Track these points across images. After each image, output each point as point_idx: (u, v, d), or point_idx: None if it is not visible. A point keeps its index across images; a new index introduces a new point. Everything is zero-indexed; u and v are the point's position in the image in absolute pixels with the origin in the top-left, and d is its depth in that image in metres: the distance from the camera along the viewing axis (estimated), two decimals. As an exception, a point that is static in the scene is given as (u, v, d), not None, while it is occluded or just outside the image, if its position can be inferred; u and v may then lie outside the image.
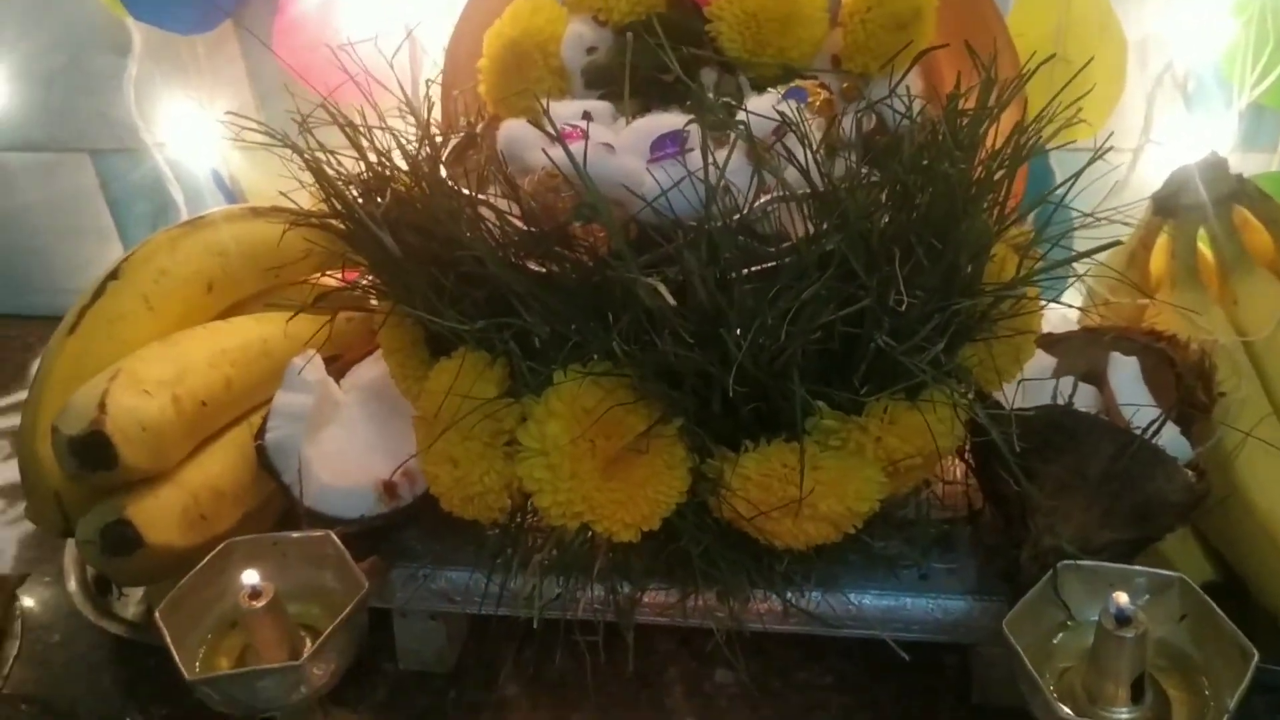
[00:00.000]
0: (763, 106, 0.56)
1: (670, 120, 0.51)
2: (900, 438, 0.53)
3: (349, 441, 0.69)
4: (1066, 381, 0.59)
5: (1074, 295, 0.80)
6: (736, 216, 0.49)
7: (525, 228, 0.52)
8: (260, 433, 0.66)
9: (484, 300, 0.54)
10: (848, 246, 0.49)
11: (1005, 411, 0.55)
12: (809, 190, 0.51)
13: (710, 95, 0.64)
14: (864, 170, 0.53)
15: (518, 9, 0.67)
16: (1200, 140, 0.78)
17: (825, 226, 0.49)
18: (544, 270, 0.51)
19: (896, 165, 0.50)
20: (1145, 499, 0.55)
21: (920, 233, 0.50)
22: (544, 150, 0.47)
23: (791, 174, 0.53)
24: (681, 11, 0.66)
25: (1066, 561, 0.53)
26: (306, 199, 0.61)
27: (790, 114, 0.51)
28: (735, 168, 0.50)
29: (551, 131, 0.49)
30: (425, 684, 0.69)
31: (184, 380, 0.67)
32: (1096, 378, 0.65)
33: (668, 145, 0.50)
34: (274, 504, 0.69)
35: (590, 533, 0.53)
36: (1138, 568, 0.53)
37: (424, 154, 0.57)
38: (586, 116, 0.60)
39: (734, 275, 0.48)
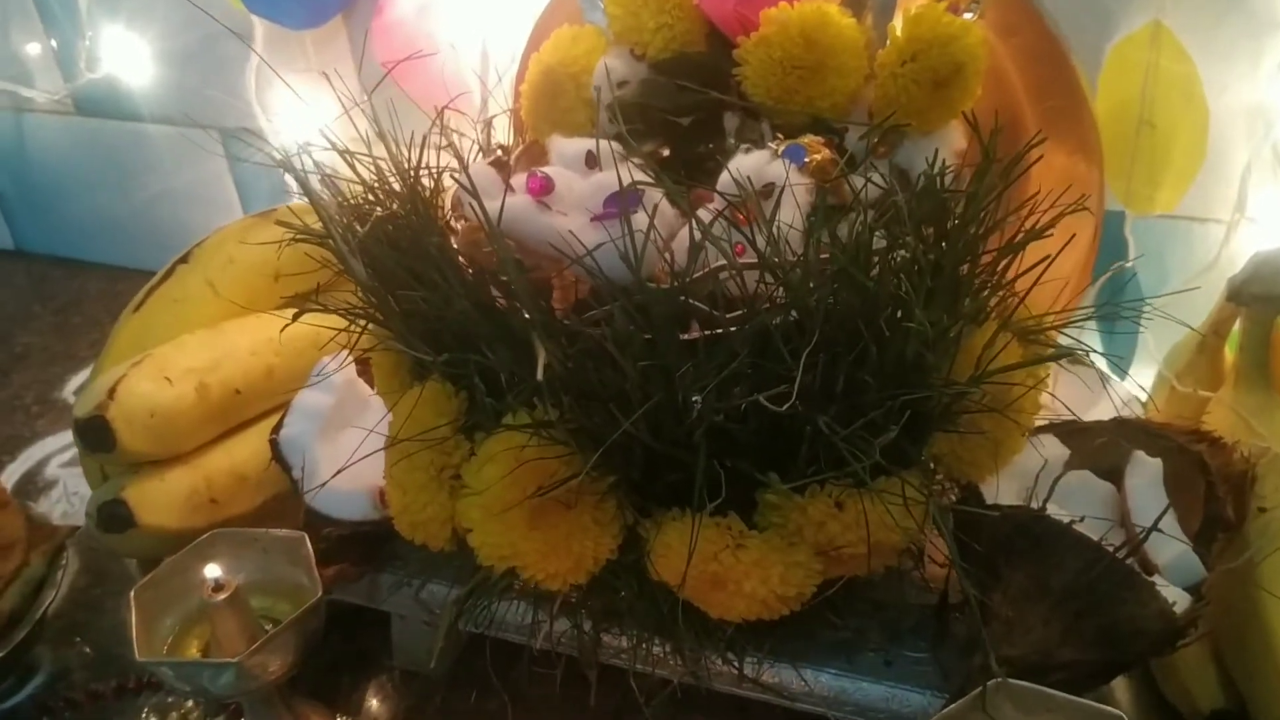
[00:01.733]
0: (752, 165, 0.54)
1: (624, 177, 0.50)
2: (844, 525, 0.51)
3: (366, 444, 0.71)
4: (1048, 478, 0.55)
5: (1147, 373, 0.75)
6: (673, 282, 0.48)
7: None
8: (277, 426, 0.69)
9: (453, 333, 0.55)
10: (782, 324, 0.47)
11: (969, 510, 0.52)
12: (766, 260, 0.49)
13: (731, 140, 0.63)
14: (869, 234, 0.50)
15: (560, 36, 0.68)
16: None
17: (762, 301, 0.47)
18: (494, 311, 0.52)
19: (836, 247, 0.47)
20: (1113, 622, 0.51)
21: (869, 318, 0.48)
22: (469, 204, 0.47)
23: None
24: (714, 51, 0.64)
25: (998, 680, 0.49)
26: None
27: (748, 187, 0.49)
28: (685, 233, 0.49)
29: (504, 184, 0.49)
30: (415, 684, 0.71)
31: (219, 368, 0.71)
32: (1119, 475, 0.61)
33: (617, 204, 0.49)
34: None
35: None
36: (1074, 699, 0.49)
37: (421, 182, 0.58)
38: (589, 158, 0.60)
39: (659, 341, 0.47)
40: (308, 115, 0.97)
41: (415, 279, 0.54)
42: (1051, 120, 0.69)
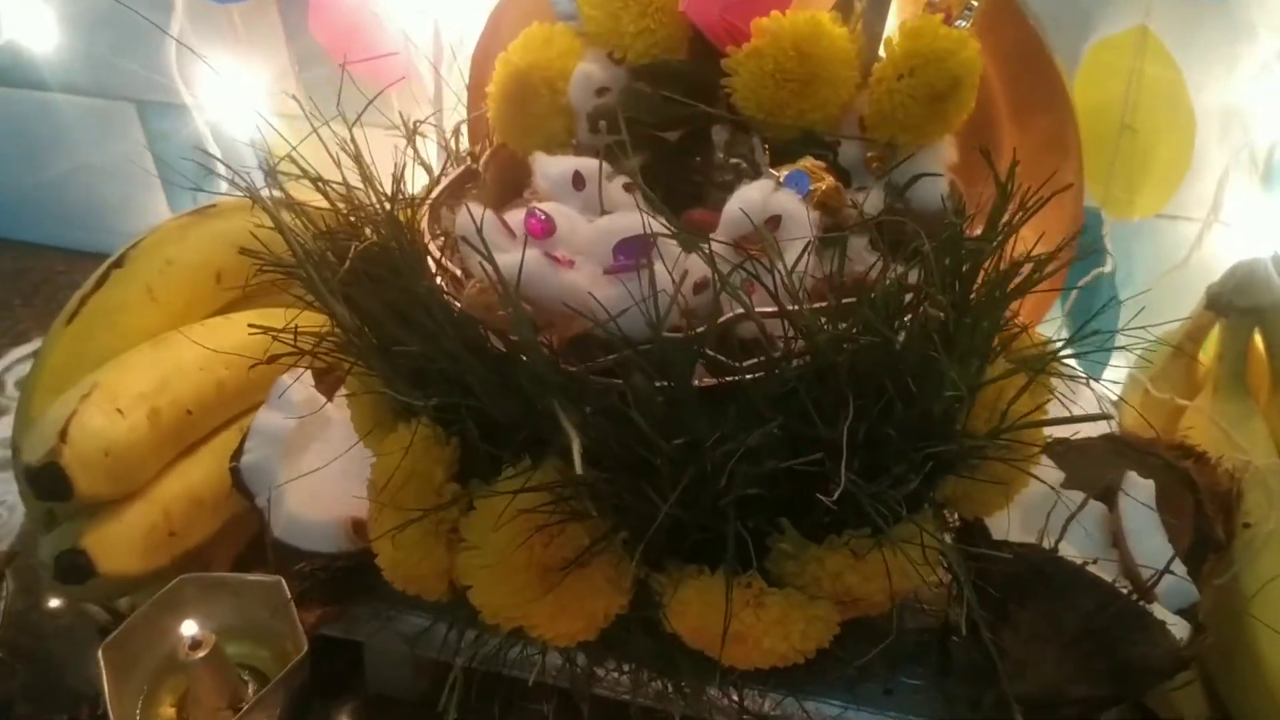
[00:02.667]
0: (757, 199, 0.51)
1: (634, 222, 0.47)
2: (863, 576, 0.50)
3: (331, 465, 0.68)
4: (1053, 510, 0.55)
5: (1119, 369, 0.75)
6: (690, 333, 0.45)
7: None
8: (237, 453, 0.65)
9: (443, 373, 0.52)
10: (808, 382, 0.45)
11: (980, 550, 0.51)
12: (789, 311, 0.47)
13: (719, 154, 0.60)
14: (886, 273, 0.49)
15: (530, 37, 0.63)
16: (1272, 223, 0.71)
17: (786, 359, 0.45)
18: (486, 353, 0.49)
19: (866, 308, 0.45)
20: (1125, 662, 0.51)
21: (895, 373, 0.46)
22: (480, 263, 0.44)
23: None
24: (700, 60, 0.61)
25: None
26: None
27: (754, 223, 0.47)
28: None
29: (507, 230, 0.46)
30: (389, 710, 0.69)
31: (168, 389, 0.66)
32: (1111, 494, 0.61)
33: (628, 253, 0.46)
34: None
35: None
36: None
37: (398, 205, 0.54)
38: (577, 178, 0.57)
39: (681, 396, 0.44)
40: (236, 93, 0.91)
41: (398, 317, 0.51)
42: (1031, 120, 0.67)
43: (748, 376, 0.46)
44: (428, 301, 0.50)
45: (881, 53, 0.60)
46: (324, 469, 0.67)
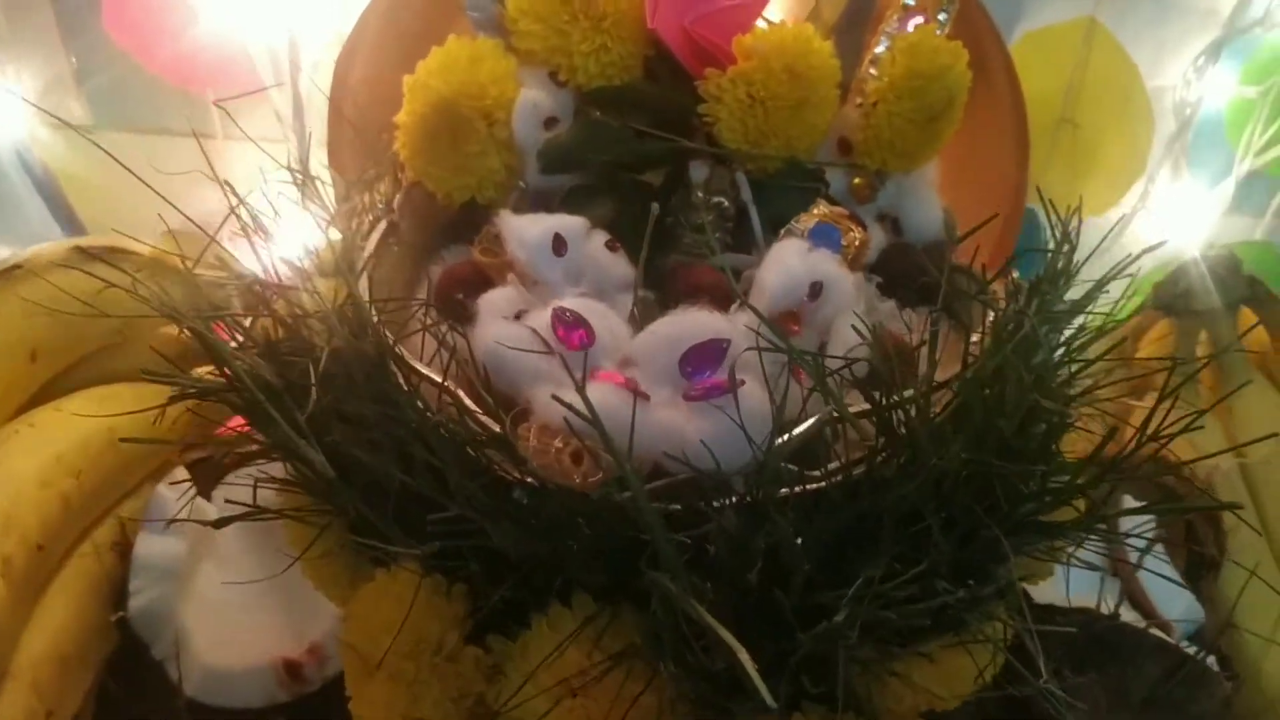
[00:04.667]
0: (794, 265, 0.44)
1: (701, 324, 0.39)
2: (942, 683, 0.45)
3: (233, 586, 0.55)
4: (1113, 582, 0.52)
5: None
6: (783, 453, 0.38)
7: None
8: (122, 599, 0.52)
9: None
10: (919, 492, 0.39)
11: (1043, 629, 0.48)
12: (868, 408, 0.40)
13: (699, 194, 0.52)
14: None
15: (451, 56, 0.52)
16: (1193, 206, 0.71)
17: (889, 472, 0.39)
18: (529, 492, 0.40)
19: (974, 390, 0.40)
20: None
21: (1001, 468, 0.41)
22: (563, 404, 0.34)
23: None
24: (667, 83, 0.52)
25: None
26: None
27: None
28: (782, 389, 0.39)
29: (571, 378, 0.35)
30: None
31: (11, 524, 0.52)
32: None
33: (705, 367, 0.38)
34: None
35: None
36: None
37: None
38: (558, 242, 0.47)
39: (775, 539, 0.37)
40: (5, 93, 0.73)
41: (398, 456, 0.40)
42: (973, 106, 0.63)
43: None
44: (426, 434, 0.39)
45: (871, 70, 0.53)
46: (231, 590, 0.55)
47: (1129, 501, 0.58)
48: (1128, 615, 0.53)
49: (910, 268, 0.51)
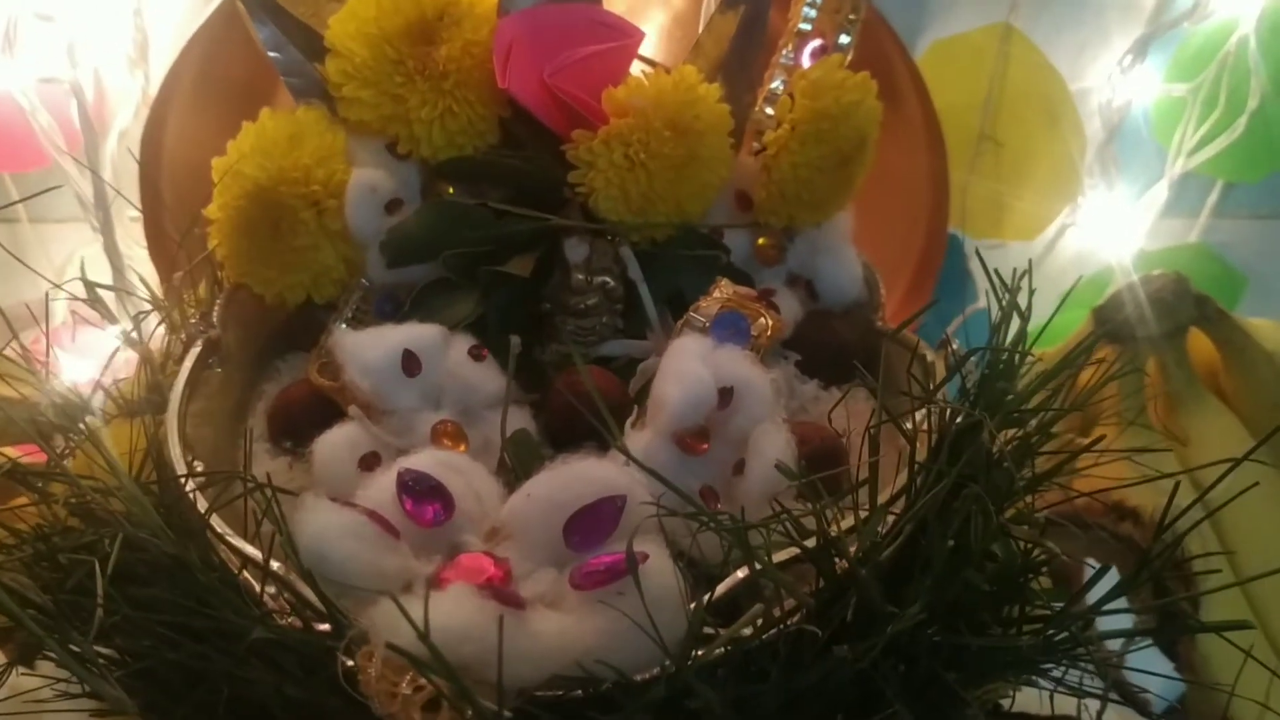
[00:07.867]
0: (697, 371, 0.36)
1: (588, 480, 0.30)
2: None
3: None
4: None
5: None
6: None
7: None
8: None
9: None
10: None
11: None
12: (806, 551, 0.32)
13: (579, 277, 0.43)
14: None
15: (266, 134, 0.43)
16: (1125, 214, 0.65)
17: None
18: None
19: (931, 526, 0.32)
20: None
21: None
22: (400, 652, 0.25)
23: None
24: (530, 149, 0.44)
25: None
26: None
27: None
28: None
29: (385, 527, 0.27)
30: None
31: None
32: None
33: (595, 537, 0.30)
34: None
35: None
36: None
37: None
38: (410, 361, 0.38)
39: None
40: None
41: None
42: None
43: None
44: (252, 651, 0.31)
45: (768, 110, 0.45)
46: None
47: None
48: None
49: (831, 341, 0.44)
